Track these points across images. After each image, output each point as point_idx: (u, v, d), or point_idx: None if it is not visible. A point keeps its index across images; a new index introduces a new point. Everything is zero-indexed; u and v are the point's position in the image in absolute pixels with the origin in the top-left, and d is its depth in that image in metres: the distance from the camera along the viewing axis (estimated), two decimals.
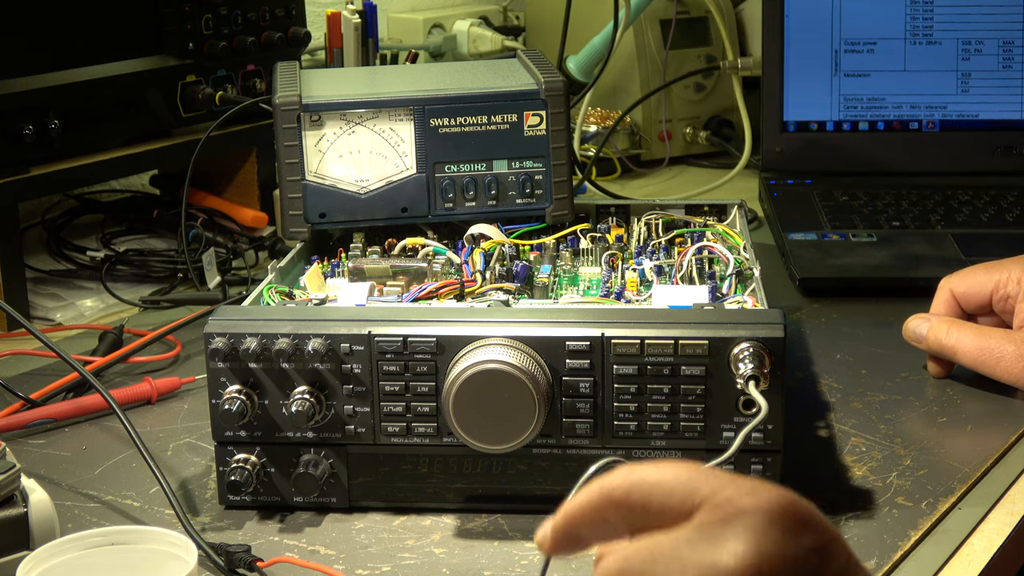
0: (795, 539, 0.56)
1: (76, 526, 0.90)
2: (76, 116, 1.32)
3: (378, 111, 1.09)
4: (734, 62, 1.79)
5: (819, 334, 1.23)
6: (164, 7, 1.39)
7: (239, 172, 1.52)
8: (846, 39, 1.61)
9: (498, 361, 0.85)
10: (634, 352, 0.87)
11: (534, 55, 1.21)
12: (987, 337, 1.09)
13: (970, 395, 1.10)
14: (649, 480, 0.59)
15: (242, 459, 0.91)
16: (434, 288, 0.99)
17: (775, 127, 1.62)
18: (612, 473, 0.60)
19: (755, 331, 0.86)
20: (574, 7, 1.57)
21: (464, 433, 0.86)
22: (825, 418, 1.06)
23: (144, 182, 1.63)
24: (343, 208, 1.09)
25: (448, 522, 0.91)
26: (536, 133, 1.10)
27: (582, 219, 1.17)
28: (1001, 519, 0.92)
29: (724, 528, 0.55)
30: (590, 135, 1.79)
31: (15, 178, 1.27)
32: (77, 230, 1.48)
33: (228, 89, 1.45)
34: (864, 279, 1.34)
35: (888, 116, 1.62)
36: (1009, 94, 1.60)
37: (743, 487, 0.57)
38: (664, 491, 0.58)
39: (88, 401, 1.08)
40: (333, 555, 0.87)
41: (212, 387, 0.90)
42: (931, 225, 1.45)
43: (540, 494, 0.91)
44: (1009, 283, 1.11)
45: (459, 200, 1.11)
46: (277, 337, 0.89)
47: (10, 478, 0.80)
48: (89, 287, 1.38)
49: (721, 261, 1.05)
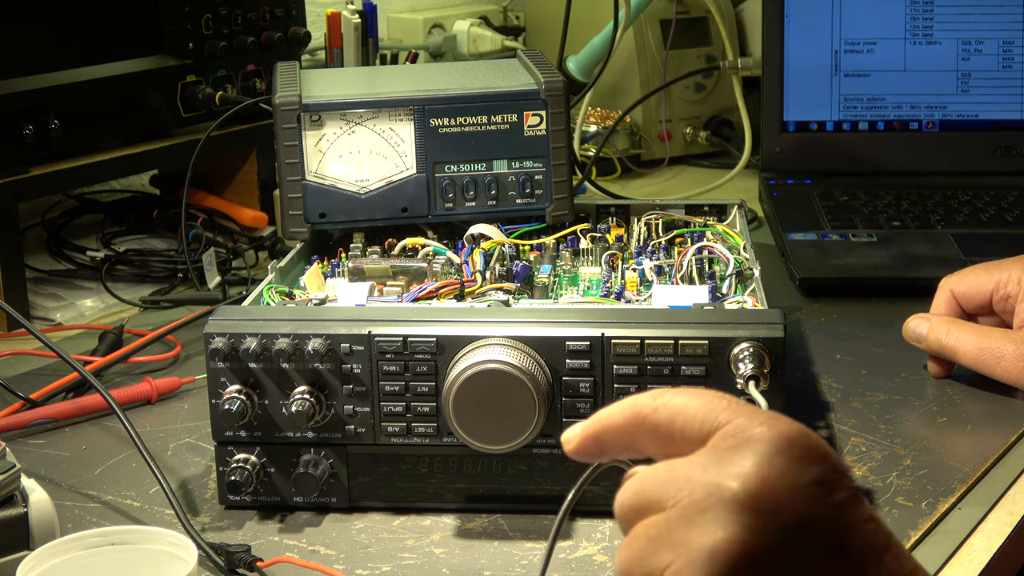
0: (800, 468, 0.58)
1: (76, 526, 0.90)
2: (76, 116, 1.32)
3: (378, 111, 1.09)
4: (734, 62, 1.79)
5: (819, 334, 1.23)
6: (164, 7, 1.39)
7: (239, 172, 1.52)
8: (846, 39, 1.61)
9: (498, 361, 0.85)
10: (634, 352, 0.87)
11: (534, 55, 1.21)
12: (987, 337, 1.09)
13: (970, 395, 1.10)
14: (675, 403, 0.62)
15: (242, 459, 0.91)
16: (434, 288, 0.99)
17: (775, 127, 1.62)
18: (646, 393, 0.63)
19: (755, 331, 0.86)
20: (574, 7, 1.57)
21: (464, 433, 0.86)
22: (825, 418, 1.06)
23: (144, 182, 1.63)
24: (343, 208, 1.09)
25: (448, 522, 0.91)
26: (536, 133, 1.10)
27: (582, 219, 1.17)
28: (1001, 519, 0.92)
29: (733, 453, 0.58)
30: (590, 135, 1.79)
31: (15, 178, 1.27)
32: (77, 230, 1.48)
33: (228, 89, 1.45)
34: (864, 279, 1.34)
35: (888, 116, 1.62)
36: (1009, 94, 1.60)
37: (757, 417, 0.60)
38: (687, 415, 0.61)
39: (88, 401, 1.08)
40: (333, 555, 0.87)
41: (212, 387, 0.90)
42: (931, 225, 1.45)
43: (540, 494, 0.91)
44: (1009, 283, 1.11)
45: (459, 200, 1.11)
46: (277, 337, 0.89)
47: (10, 478, 0.80)
48: (89, 287, 1.38)
49: (721, 261, 1.05)
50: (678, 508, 0.58)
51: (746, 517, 0.56)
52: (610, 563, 0.85)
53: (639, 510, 0.60)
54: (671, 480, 0.59)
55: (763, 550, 0.56)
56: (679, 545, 0.57)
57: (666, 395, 0.62)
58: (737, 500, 0.57)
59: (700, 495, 0.57)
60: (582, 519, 0.90)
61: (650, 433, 0.62)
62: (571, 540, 0.88)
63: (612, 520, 0.90)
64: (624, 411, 0.63)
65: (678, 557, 0.57)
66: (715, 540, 0.56)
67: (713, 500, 0.57)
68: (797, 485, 0.58)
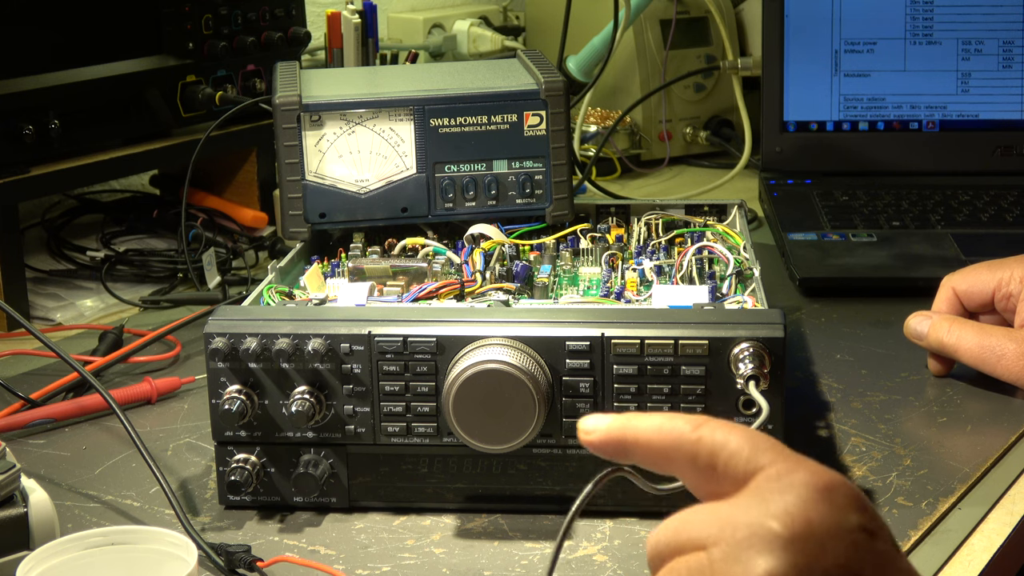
0: (843, 514, 0.58)
1: (76, 526, 0.90)
2: (76, 116, 1.32)
3: (378, 111, 1.09)
4: (734, 62, 1.79)
5: (819, 334, 1.23)
6: (164, 7, 1.39)
7: (239, 172, 1.52)
8: (846, 39, 1.61)
9: (498, 361, 0.85)
10: (634, 352, 0.87)
11: (534, 55, 1.21)
12: (988, 335, 1.09)
13: (970, 395, 1.10)
14: (717, 437, 0.62)
15: (242, 459, 0.91)
16: (434, 288, 0.99)
17: (775, 127, 1.62)
18: (683, 416, 0.63)
19: (755, 331, 0.86)
20: (574, 7, 1.57)
21: (464, 433, 0.86)
22: (825, 418, 1.06)
23: (144, 182, 1.63)
24: (343, 208, 1.09)
25: (448, 522, 0.91)
26: (536, 133, 1.10)
27: (582, 219, 1.17)
28: (1001, 519, 0.92)
29: (776, 495, 0.58)
30: (590, 135, 1.79)
31: (15, 178, 1.27)
32: (77, 230, 1.48)
33: (228, 89, 1.45)
34: (864, 279, 1.34)
35: (888, 116, 1.62)
36: (1009, 94, 1.60)
37: (800, 463, 0.60)
38: (730, 451, 0.61)
39: (88, 401, 1.08)
40: (333, 555, 0.87)
41: (212, 387, 0.90)
42: (931, 225, 1.45)
43: (540, 494, 0.91)
44: (1011, 281, 1.11)
45: (459, 200, 1.11)
46: (277, 337, 0.89)
47: (10, 478, 0.80)
48: (89, 287, 1.38)
49: (721, 261, 1.05)
50: (720, 546, 0.58)
51: (790, 556, 0.57)
52: (610, 563, 0.85)
53: (677, 548, 0.60)
54: (713, 520, 0.59)
55: None
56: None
57: (708, 427, 0.62)
58: (781, 539, 0.57)
59: (743, 534, 0.57)
60: (582, 519, 0.90)
61: (688, 460, 0.62)
62: (571, 540, 0.88)
63: (612, 520, 0.90)
64: (662, 431, 0.63)
65: None
66: (759, 574, 0.56)
67: (756, 539, 0.57)
68: (840, 530, 0.58)
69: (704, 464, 0.61)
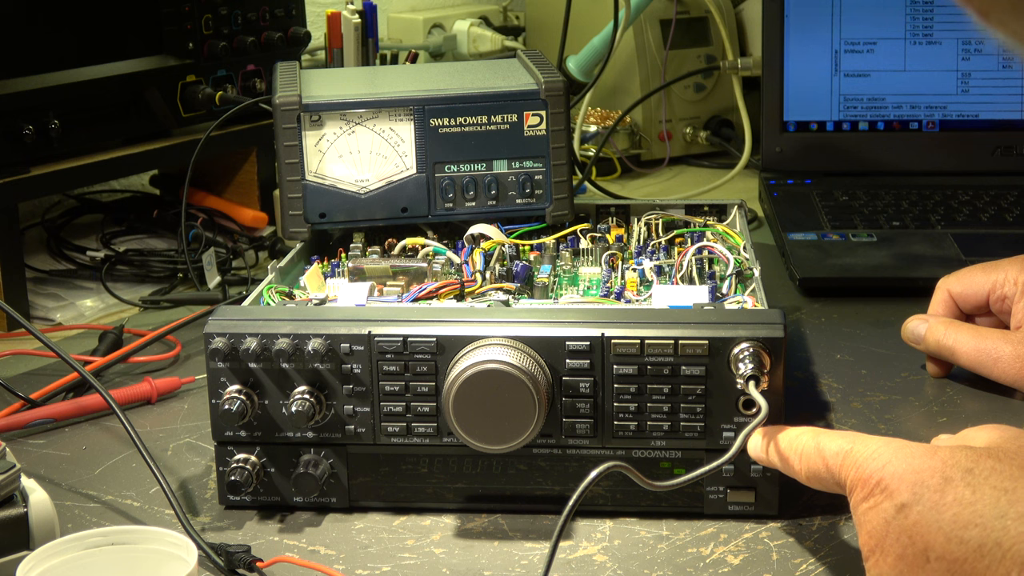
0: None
1: (76, 526, 0.90)
2: (76, 116, 1.32)
3: (378, 111, 1.09)
4: (734, 62, 1.79)
5: (819, 334, 1.23)
6: (164, 7, 1.39)
7: (239, 172, 1.52)
8: (846, 39, 1.61)
9: (498, 361, 0.85)
10: (634, 352, 0.87)
11: (534, 55, 1.21)
12: (984, 338, 1.09)
13: (970, 395, 1.10)
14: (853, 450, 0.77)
15: (242, 459, 0.91)
16: (434, 288, 0.99)
17: (775, 127, 1.62)
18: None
19: (755, 331, 0.86)
20: (574, 7, 1.57)
21: (464, 433, 0.86)
22: (825, 418, 1.06)
23: (144, 182, 1.63)
24: (343, 208, 1.09)
25: (448, 522, 0.91)
26: (536, 133, 1.10)
27: (582, 219, 1.17)
28: None
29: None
30: (590, 135, 1.79)
31: (15, 178, 1.27)
32: (77, 230, 1.48)
33: (228, 89, 1.45)
34: (864, 279, 1.34)
35: (888, 116, 1.62)
36: (1009, 94, 1.60)
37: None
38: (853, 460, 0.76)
39: (88, 401, 1.08)
40: (333, 555, 0.87)
41: (212, 387, 0.90)
42: (931, 225, 1.45)
43: (540, 494, 0.91)
44: (1006, 284, 1.11)
45: (459, 200, 1.11)
46: (277, 337, 0.89)
47: (10, 478, 0.80)
48: (89, 287, 1.38)
49: (721, 261, 1.05)
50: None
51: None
52: (610, 563, 0.85)
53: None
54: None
55: None
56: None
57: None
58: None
59: None
60: (582, 519, 0.90)
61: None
62: (571, 540, 0.88)
63: (612, 520, 0.90)
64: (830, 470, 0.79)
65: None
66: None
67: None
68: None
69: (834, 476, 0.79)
